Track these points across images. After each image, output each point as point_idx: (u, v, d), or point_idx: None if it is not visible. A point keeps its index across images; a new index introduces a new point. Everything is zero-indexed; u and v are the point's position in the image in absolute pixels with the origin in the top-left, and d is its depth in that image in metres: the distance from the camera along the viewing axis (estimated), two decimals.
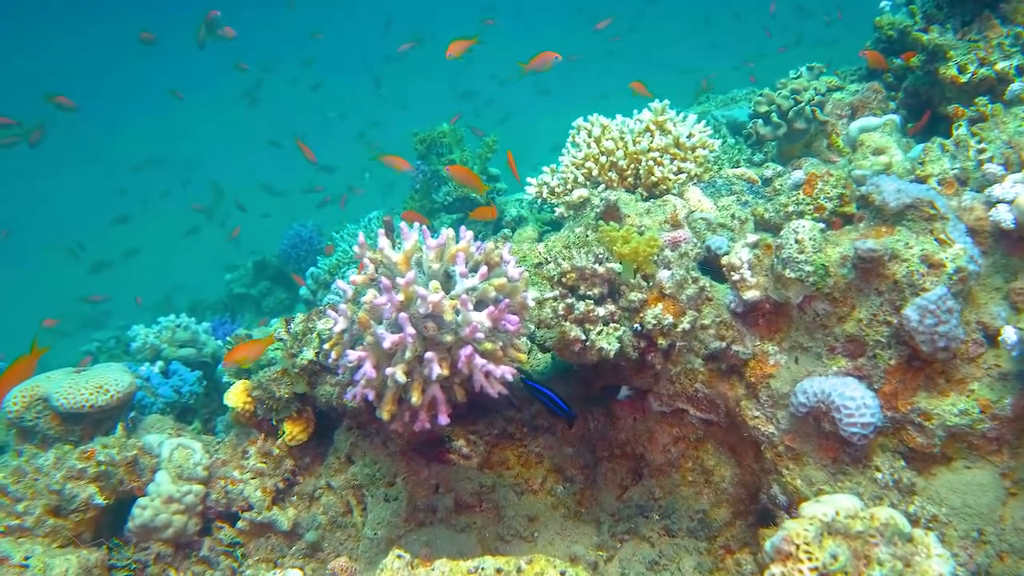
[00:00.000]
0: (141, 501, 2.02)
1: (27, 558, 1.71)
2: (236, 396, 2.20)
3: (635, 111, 2.66)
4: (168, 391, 3.59)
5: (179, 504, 2.04)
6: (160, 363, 4.26)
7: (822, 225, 1.76)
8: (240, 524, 2.11)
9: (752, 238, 1.86)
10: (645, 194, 2.49)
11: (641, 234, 1.83)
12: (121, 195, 15.27)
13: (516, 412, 2.29)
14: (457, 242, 1.73)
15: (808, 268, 1.69)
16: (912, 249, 1.66)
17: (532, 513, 2.07)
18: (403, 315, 1.59)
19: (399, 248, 1.74)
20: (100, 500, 1.98)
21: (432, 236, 1.72)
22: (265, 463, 2.17)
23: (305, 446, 2.26)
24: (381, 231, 1.73)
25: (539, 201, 2.73)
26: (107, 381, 2.36)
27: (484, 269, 1.68)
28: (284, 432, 2.20)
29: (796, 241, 1.71)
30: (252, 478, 2.14)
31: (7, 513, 1.89)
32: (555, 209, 2.60)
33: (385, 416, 1.72)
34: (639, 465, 2.12)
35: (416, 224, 1.80)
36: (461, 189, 4.53)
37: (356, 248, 1.76)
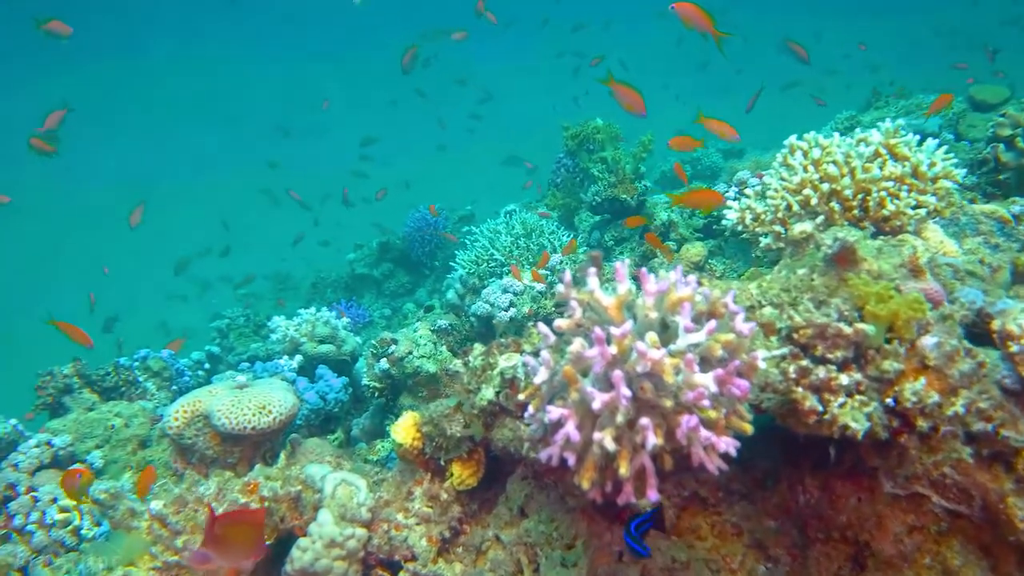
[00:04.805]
0: (302, 542, 1.95)
1: None
2: (404, 431, 2.10)
3: (857, 131, 2.40)
4: (314, 398, 3.59)
5: (341, 549, 1.95)
6: (299, 358, 4.28)
7: None
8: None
9: None
10: (872, 229, 2.22)
11: (898, 290, 1.59)
12: (271, 168, 15.93)
13: (706, 473, 2.09)
14: (677, 287, 1.55)
15: None
16: None
17: None
18: (617, 373, 1.43)
19: (610, 290, 1.57)
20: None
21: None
22: (431, 507, 2.06)
23: (473, 491, 2.14)
24: (592, 269, 1.56)
25: (740, 227, 2.50)
26: (270, 401, 2.31)
27: (712, 323, 1.49)
28: (452, 474, 2.08)
29: None
30: (417, 524, 2.04)
31: (165, 547, 1.85)
32: (761, 240, 2.37)
33: (585, 484, 1.57)
34: (861, 553, 1.87)
35: (626, 261, 1.63)
36: (611, 190, 4.35)
37: (561, 287, 1.61)
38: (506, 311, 3.45)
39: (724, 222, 2.61)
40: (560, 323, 1.57)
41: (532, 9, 18.20)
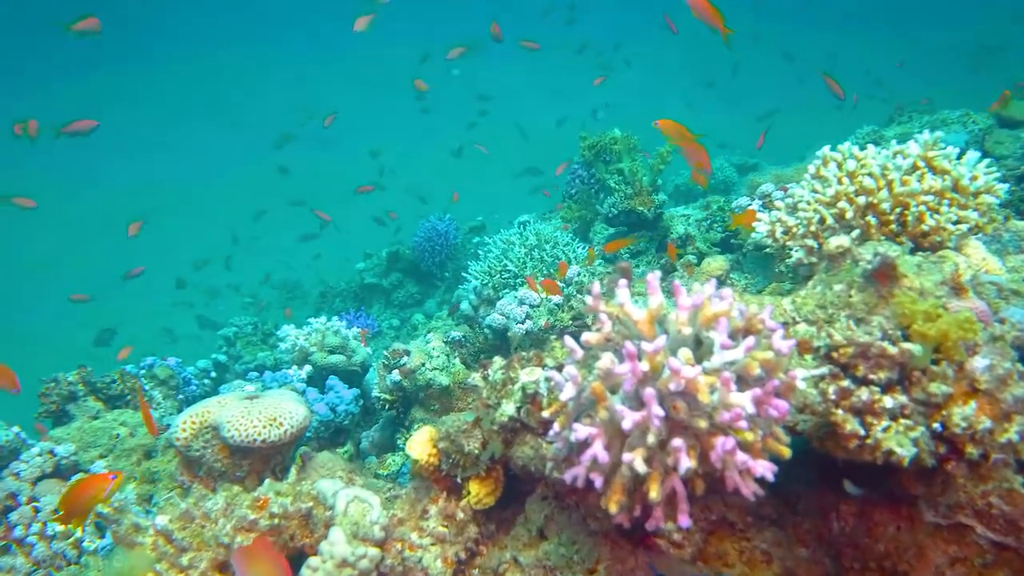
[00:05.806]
0: (312, 562, 1.89)
1: None
2: (420, 446, 2.04)
3: (894, 142, 2.34)
4: (324, 409, 3.53)
5: (353, 569, 1.88)
6: (308, 368, 4.23)
7: None
8: None
9: None
10: (910, 245, 2.16)
11: (945, 309, 1.53)
12: (282, 174, 15.98)
13: (736, 496, 2.02)
14: (713, 301, 1.49)
15: None
16: None
17: None
18: (649, 390, 1.37)
19: (641, 304, 1.51)
20: None
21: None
22: (447, 527, 1.99)
23: (490, 511, 2.07)
24: (622, 281, 1.50)
25: (769, 240, 2.44)
26: (281, 413, 2.25)
27: (751, 340, 1.43)
28: (469, 493, 2.02)
29: None
30: (432, 544, 1.97)
31: (171, 564, 1.79)
32: (793, 254, 2.30)
33: (612, 508, 1.51)
34: None
35: (657, 273, 1.57)
36: (628, 202, 4.30)
37: (589, 299, 1.55)
38: (522, 324, 3.38)
39: (753, 235, 2.55)
40: (588, 337, 1.51)
41: (552, 16, 18.27)
